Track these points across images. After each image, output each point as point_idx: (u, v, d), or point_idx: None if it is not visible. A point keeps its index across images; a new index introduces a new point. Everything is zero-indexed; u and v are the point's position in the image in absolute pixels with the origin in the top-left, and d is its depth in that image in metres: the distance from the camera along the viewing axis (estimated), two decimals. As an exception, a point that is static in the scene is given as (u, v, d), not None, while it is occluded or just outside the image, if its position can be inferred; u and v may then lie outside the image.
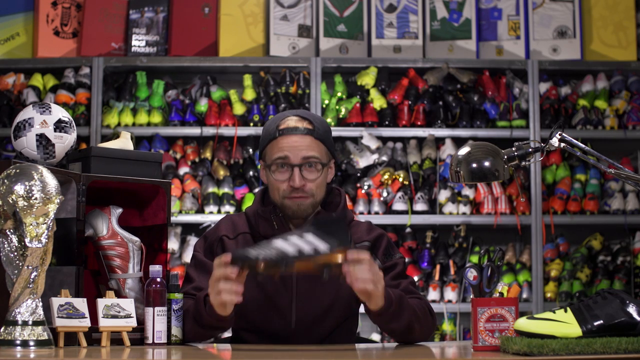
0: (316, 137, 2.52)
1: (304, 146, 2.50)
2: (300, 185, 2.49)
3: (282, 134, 2.52)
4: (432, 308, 2.52)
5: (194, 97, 4.92)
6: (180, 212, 4.70)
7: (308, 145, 2.51)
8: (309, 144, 2.51)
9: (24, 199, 2.08)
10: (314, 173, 2.51)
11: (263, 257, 2.13)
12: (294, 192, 2.50)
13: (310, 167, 2.51)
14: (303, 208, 2.52)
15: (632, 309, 1.95)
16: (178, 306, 2.38)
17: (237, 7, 4.96)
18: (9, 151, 4.70)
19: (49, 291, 2.25)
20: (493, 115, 4.85)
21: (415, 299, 2.46)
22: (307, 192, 2.51)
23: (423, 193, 4.77)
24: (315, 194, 2.53)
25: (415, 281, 2.56)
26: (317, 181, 2.52)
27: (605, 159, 2.33)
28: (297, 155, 2.50)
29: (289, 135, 2.51)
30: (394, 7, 5.02)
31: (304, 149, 2.50)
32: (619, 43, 4.95)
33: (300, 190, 2.50)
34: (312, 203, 2.53)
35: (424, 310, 2.46)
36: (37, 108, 2.42)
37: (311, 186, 2.51)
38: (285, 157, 2.50)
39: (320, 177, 2.52)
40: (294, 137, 2.51)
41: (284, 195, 2.52)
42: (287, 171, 2.50)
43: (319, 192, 2.54)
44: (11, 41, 4.94)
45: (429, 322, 2.47)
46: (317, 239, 2.18)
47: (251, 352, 2.14)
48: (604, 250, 4.86)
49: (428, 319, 2.47)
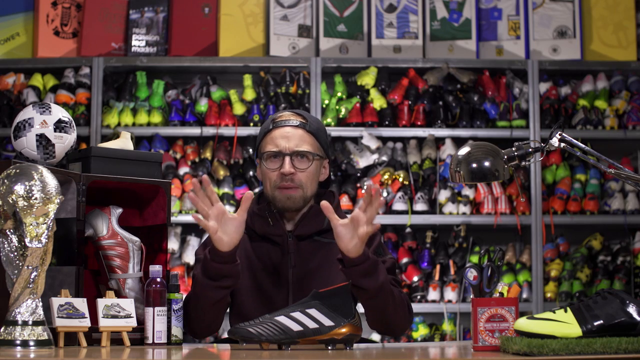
0: (308, 130, 2.60)
1: (295, 137, 2.58)
2: (289, 173, 2.54)
3: (275, 126, 2.60)
4: (411, 306, 2.58)
5: (194, 97, 4.92)
6: (180, 212, 4.70)
7: (300, 136, 2.59)
8: (301, 135, 2.59)
9: (24, 199, 2.08)
10: (305, 163, 2.57)
11: (266, 337, 2.12)
12: (284, 182, 2.55)
13: (302, 158, 2.57)
14: (292, 200, 2.56)
15: (632, 309, 1.95)
16: (178, 306, 2.39)
17: (237, 7, 4.96)
18: (9, 151, 4.70)
19: (49, 291, 2.25)
20: (493, 115, 4.85)
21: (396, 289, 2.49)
22: (296, 182, 2.55)
23: (423, 193, 4.77)
24: (305, 185, 2.56)
25: (400, 281, 2.60)
26: (308, 171, 2.57)
27: (605, 159, 2.33)
28: (289, 145, 2.56)
29: (281, 127, 2.59)
30: (394, 7, 5.02)
31: (296, 140, 2.57)
32: (619, 43, 4.95)
33: (289, 179, 2.54)
34: (301, 196, 2.57)
35: (401, 298, 2.50)
36: (37, 108, 2.42)
37: (301, 176, 2.56)
38: (277, 145, 2.57)
39: (311, 169, 2.57)
40: (286, 128, 2.59)
41: (275, 186, 2.56)
42: (279, 160, 2.57)
43: (309, 185, 2.58)
44: (11, 41, 4.94)
45: (405, 311, 2.52)
46: (321, 315, 2.17)
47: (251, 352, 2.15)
48: (604, 250, 4.86)
49: (404, 308, 2.51)
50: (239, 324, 2.17)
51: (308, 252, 2.60)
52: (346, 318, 2.18)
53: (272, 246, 2.61)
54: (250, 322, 2.16)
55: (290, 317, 2.16)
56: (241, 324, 2.17)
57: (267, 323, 2.15)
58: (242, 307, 2.59)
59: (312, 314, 2.17)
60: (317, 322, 2.16)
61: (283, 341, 2.13)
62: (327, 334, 2.16)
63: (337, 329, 2.17)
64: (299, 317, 2.16)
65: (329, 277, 2.51)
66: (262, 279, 2.59)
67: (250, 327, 2.14)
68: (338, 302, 2.19)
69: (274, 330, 2.13)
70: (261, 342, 2.13)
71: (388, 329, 2.56)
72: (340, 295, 2.20)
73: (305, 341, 2.16)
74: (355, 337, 2.22)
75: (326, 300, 2.18)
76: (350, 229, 2.30)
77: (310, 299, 2.19)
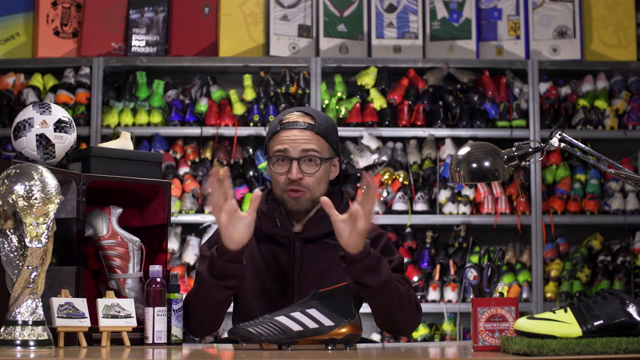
0: (317, 132, 2.54)
1: (303, 140, 2.53)
2: (296, 178, 2.51)
3: (283, 128, 2.55)
4: (420, 304, 2.54)
5: (194, 97, 4.92)
6: (180, 212, 4.70)
7: (308, 139, 2.53)
8: (309, 137, 2.54)
9: (24, 199, 2.08)
10: (313, 167, 2.53)
11: (266, 337, 2.13)
12: (292, 185, 2.52)
13: (310, 162, 2.53)
14: (300, 204, 2.54)
15: (632, 309, 1.95)
16: (178, 306, 2.39)
17: (237, 7, 4.96)
18: (9, 151, 4.70)
19: (49, 291, 2.25)
20: (493, 115, 4.85)
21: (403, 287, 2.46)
22: (304, 186, 2.52)
23: (423, 193, 4.77)
24: (313, 189, 2.53)
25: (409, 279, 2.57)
26: (316, 175, 2.53)
27: (605, 159, 2.33)
28: (296, 148, 2.52)
29: (289, 129, 2.54)
30: (394, 7, 5.02)
31: (303, 143, 2.53)
32: (619, 43, 4.95)
33: (297, 183, 2.52)
34: (310, 198, 2.54)
35: (409, 297, 2.47)
36: (37, 108, 2.42)
37: (309, 180, 2.53)
38: (285, 150, 2.53)
39: (319, 172, 2.53)
40: (294, 131, 2.54)
41: (283, 189, 2.54)
42: (287, 164, 2.53)
43: (318, 187, 2.54)
44: (11, 41, 4.94)
45: (413, 309, 2.48)
46: (321, 315, 2.17)
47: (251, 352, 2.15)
48: (604, 250, 4.86)
49: (412, 307, 2.48)
50: (239, 324, 2.17)
51: (315, 255, 2.58)
52: (346, 318, 2.18)
53: (278, 247, 2.60)
54: (250, 322, 2.16)
55: (290, 317, 2.16)
56: (241, 324, 2.17)
57: (267, 323, 2.15)
58: (246, 307, 2.59)
59: (312, 314, 2.17)
60: (317, 322, 2.16)
61: (283, 341, 2.13)
62: (327, 334, 2.16)
63: (337, 329, 2.17)
64: (299, 317, 2.16)
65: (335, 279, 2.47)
66: (267, 280, 2.58)
67: (250, 327, 2.14)
68: (338, 302, 2.19)
69: (274, 330, 2.13)
70: (261, 342, 2.13)
71: (396, 328, 2.53)
72: (340, 295, 2.20)
73: (305, 341, 2.16)
74: (355, 337, 2.22)
75: (326, 300, 2.18)
76: (349, 225, 2.28)
77: (310, 299, 2.19)
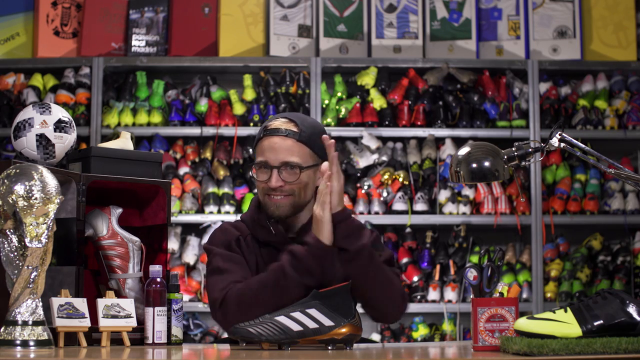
0: (299, 140, 2.51)
1: (283, 148, 2.50)
2: (276, 186, 2.49)
3: (265, 134, 2.53)
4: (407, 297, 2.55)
5: (194, 97, 4.92)
6: (180, 212, 4.70)
7: (288, 148, 2.50)
8: (289, 146, 2.50)
9: (24, 199, 2.08)
10: (293, 175, 2.50)
11: (266, 337, 2.13)
12: (272, 191, 2.50)
13: (291, 169, 2.50)
14: (281, 209, 2.51)
15: (632, 309, 1.95)
16: (178, 306, 2.39)
17: (237, 7, 4.96)
18: (9, 151, 4.70)
19: (49, 291, 2.25)
20: (493, 115, 4.85)
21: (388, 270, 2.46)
22: (286, 191, 2.50)
23: (423, 193, 4.77)
24: (296, 193, 2.51)
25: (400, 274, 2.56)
26: (298, 183, 2.50)
27: (605, 159, 2.33)
28: (276, 157, 2.50)
29: (270, 137, 2.52)
30: (394, 7, 5.02)
31: (283, 152, 2.50)
32: (619, 43, 4.95)
33: (279, 190, 2.50)
34: (292, 203, 2.51)
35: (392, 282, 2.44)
36: (37, 108, 2.42)
37: (293, 186, 2.50)
38: (264, 161, 2.51)
39: (300, 179, 2.50)
40: (274, 139, 2.51)
41: (264, 193, 2.52)
42: (267, 172, 2.51)
43: (302, 192, 2.52)
44: (11, 41, 4.95)
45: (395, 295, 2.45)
46: (321, 315, 2.17)
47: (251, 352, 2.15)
48: (604, 250, 4.86)
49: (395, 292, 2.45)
50: (239, 324, 2.17)
51: None
52: (346, 318, 2.18)
53: (277, 253, 2.59)
54: (250, 322, 2.16)
55: (290, 317, 2.16)
56: (241, 323, 2.17)
57: (267, 323, 2.15)
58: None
59: (312, 314, 2.17)
60: (317, 322, 2.16)
61: (283, 341, 2.13)
62: (327, 334, 2.17)
63: (337, 329, 2.17)
64: (299, 317, 2.16)
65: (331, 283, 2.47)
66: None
67: (250, 327, 2.15)
68: (338, 302, 2.19)
69: (274, 330, 2.13)
70: (261, 342, 2.13)
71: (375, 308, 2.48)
72: (340, 295, 2.20)
73: (305, 341, 2.16)
74: (355, 337, 2.22)
75: (326, 300, 2.18)
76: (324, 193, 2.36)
77: (310, 299, 2.19)
